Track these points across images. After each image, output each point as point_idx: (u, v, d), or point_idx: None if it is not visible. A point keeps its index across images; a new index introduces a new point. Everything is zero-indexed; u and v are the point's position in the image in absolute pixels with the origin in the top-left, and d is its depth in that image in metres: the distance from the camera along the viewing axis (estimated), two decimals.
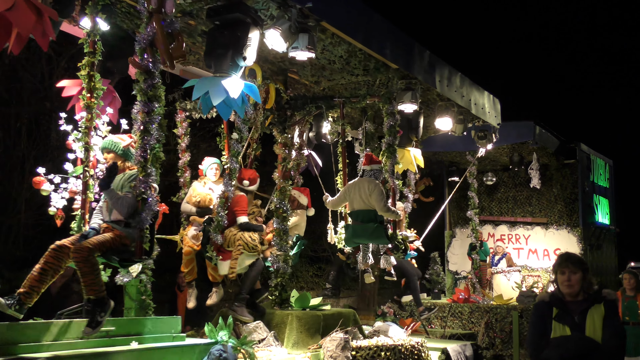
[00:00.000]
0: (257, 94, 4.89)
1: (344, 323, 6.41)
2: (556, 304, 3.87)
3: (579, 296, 3.86)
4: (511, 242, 12.87)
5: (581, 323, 3.75)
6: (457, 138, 10.18)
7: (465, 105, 8.06)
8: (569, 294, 3.87)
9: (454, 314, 10.38)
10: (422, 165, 7.72)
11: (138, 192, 4.08)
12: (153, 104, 4.16)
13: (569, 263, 3.91)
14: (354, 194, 6.63)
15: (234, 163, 6.14)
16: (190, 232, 6.43)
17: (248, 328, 5.56)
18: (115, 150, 4.54)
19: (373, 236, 6.47)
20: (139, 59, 4.12)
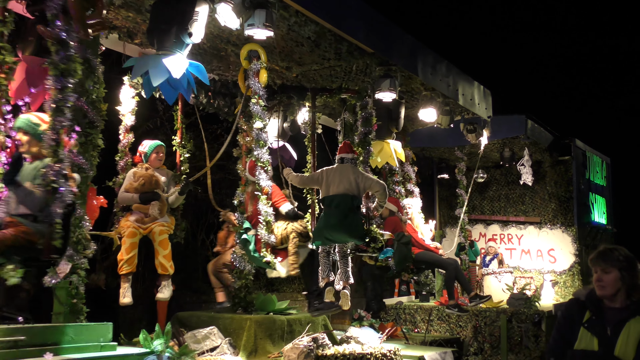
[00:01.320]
0: (204, 74, 4.39)
1: (312, 328, 5.91)
2: (591, 307, 3.23)
3: (617, 302, 3.20)
4: (503, 242, 12.35)
5: (613, 337, 3.11)
6: (447, 133, 9.71)
7: (452, 96, 7.56)
8: (602, 297, 3.22)
9: (440, 318, 9.86)
10: (402, 159, 7.21)
11: (47, 181, 3.56)
12: (67, 80, 3.64)
13: (600, 260, 3.27)
14: (333, 177, 6.01)
15: (265, 155, 5.62)
16: (133, 217, 5.75)
17: (200, 334, 5.05)
18: (32, 131, 4.02)
19: (351, 227, 5.81)
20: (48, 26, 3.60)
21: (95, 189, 4.44)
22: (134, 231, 5.67)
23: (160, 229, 5.80)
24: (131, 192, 5.79)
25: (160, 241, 5.77)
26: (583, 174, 12.11)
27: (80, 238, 4.23)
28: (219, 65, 6.55)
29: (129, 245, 5.61)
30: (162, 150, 5.99)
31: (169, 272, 5.82)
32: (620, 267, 3.20)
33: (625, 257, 3.25)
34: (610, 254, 3.27)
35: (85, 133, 4.27)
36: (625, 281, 3.20)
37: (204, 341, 5.01)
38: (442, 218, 12.98)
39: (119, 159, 6.10)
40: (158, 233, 5.78)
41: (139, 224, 5.74)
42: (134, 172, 5.87)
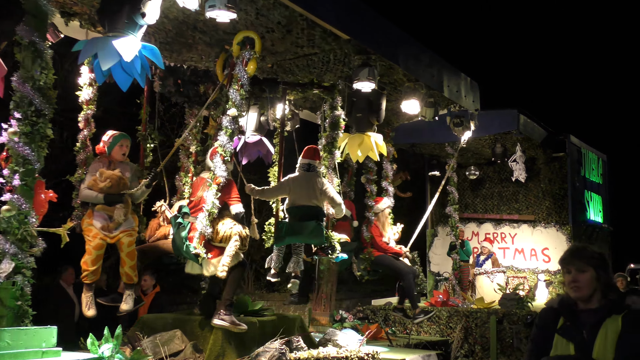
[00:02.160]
0: (159, 57, 4.08)
1: (287, 330, 5.60)
2: (564, 312, 3.00)
3: (593, 303, 2.98)
4: (496, 241, 12.04)
5: (590, 340, 2.90)
6: (437, 128, 9.42)
7: (436, 87, 7.24)
8: (578, 299, 2.99)
9: (430, 319, 9.55)
10: (384, 153, 6.90)
11: None
12: None
13: (575, 259, 3.02)
14: (299, 189, 5.87)
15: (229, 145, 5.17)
16: (97, 223, 5.33)
17: (163, 338, 4.74)
18: None
19: (312, 235, 5.70)
20: None
21: (43, 182, 4.13)
22: (101, 243, 5.29)
23: (129, 240, 5.46)
24: (95, 191, 5.46)
25: (128, 252, 5.45)
26: (578, 171, 11.80)
27: (25, 235, 3.94)
28: (190, 55, 6.24)
29: (96, 257, 5.25)
30: (127, 143, 5.62)
31: (133, 281, 5.52)
32: (596, 265, 2.99)
33: (599, 255, 3.05)
34: (584, 251, 3.04)
35: (32, 122, 3.97)
36: (601, 280, 2.98)
37: (167, 345, 4.70)
38: (434, 216, 12.66)
39: (78, 151, 5.68)
40: (127, 245, 5.43)
41: (105, 232, 5.37)
42: (101, 172, 5.49)
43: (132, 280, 5.48)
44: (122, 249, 5.42)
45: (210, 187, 5.11)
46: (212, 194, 5.06)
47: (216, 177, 5.12)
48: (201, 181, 5.40)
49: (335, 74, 6.70)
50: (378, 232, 7.86)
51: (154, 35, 5.75)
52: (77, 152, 5.66)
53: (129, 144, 5.62)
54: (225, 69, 5.97)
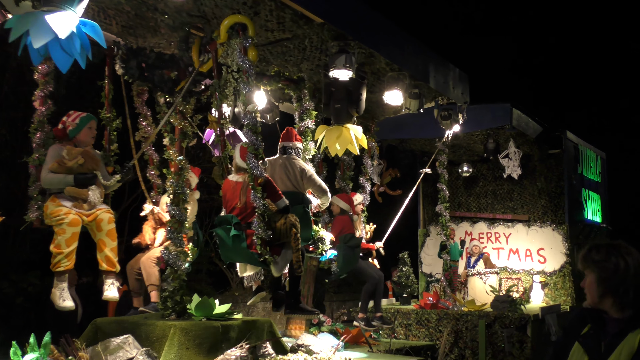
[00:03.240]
0: (100, 35, 3.68)
1: (255, 335, 5.20)
2: (590, 317, 2.65)
3: (616, 312, 2.57)
4: (490, 241, 11.63)
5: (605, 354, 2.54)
6: (426, 123, 9.04)
7: (422, 78, 6.86)
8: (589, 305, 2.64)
9: (420, 322, 9.16)
10: (365, 146, 6.50)
11: None
12: None
13: (581, 261, 2.66)
14: (280, 172, 5.53)
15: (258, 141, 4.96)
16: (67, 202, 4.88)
17: (113, 344, 4.34)
18: None
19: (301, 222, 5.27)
20: None
21: None
22: (76, 219, 4.80)
23: (109, 216, 5.03)
24: (60, 174, 4.94)
25: (109, 231, 5.01)
26: (575, 169, 11.39)
27: None
28: (157, 41, 5.86)
29: (71, 235, 4.74)
30: (95, 125, 5.19)
31: (116, 268, 5.11)
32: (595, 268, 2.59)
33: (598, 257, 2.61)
34: (587, 252, 2.64)
35: None
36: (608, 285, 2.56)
37: (117, 352, 4.30)
38: (425, 215, 12.27)
39: (34, 131, 5.13)
40: (106, 221, 4.99)
41: (78, 210, 4.93)
42: (69, 149, 5.00)
43: (114, 267, 5.08)
44: (100, 228, 5.01)
45: (254, 189, 4.89)
46: (259, 196, 4.88)
47: (256, 178, 4.90)
48: (234, 185, 5.12)
49: (312, 62, 6.33)
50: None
51: (115, 18, 5.38)
52: (33, 133, 5.16)
53: (96, 126, 5.22)
54: (201, 54, 5.61)
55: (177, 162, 5.30)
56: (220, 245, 5.06)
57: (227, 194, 5.14)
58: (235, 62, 5.13)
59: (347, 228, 6.73)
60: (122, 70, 5.38)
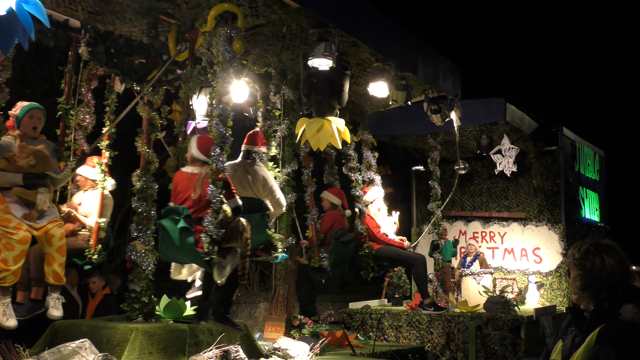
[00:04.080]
0: (43, 13, 3.39)
1: (227, 339, 4.91)
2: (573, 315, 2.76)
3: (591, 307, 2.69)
4: (485, 240, 11.30)
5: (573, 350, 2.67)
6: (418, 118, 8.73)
7: (409, 69, 6.57)
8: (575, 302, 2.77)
9: (410, 323, 8.85)
10: (348, 140, 6.20)
11: None
12: None
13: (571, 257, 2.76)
14: (241, 177, 5.28)
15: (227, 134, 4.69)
16: (17, 212, 4.56)
17: (67, 349, 4.04)
18: None
19: (256, 229, 5.02)
20: None
21: None
22: (27, 235, 4.53)
23: (60, 232, 4.75)
24: (10, 171, 4.65)
25: (59, 247, 4.74)
26: (572, 166, 11.08)
27: None
28: (127, 28, 5.57)
29: (19, 253, 4.48)
30: (39, 114, 4.85)
31: (62, 281, 4.82)
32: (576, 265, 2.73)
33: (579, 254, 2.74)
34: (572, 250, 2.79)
35: None
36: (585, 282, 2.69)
37: (72, 357, 4.01)
38: (419, 214, 11.96)
39: None
40: (58, 237, 4.73)
41: (28, 222, 4.64)
42: (21, 146, 4.71)
43: (61, 281, 4.80)
44: (51, 243, 4.72)
45: (214, 183, 4.54)
46: (217, 191, 4.55)
47: (218, 171, 4.59)
48: (188, 176, 4.75)
49: (293, 52, 6.03)
50: (374, 223, 7.25)
51: (80, 3, 5.10)
52: None
53: (42, 116, 4.90)
54: (178, 43, 5.34)
55: (145, 155, 5.03)
56: (161, 238, 4.58)
57: (179, 186, 4.75)
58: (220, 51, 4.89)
59: (338, 223, 6.47)
60: (89, 55, 5.08)
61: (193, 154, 4.79)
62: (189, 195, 4.65)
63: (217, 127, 4.68)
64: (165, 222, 4.52)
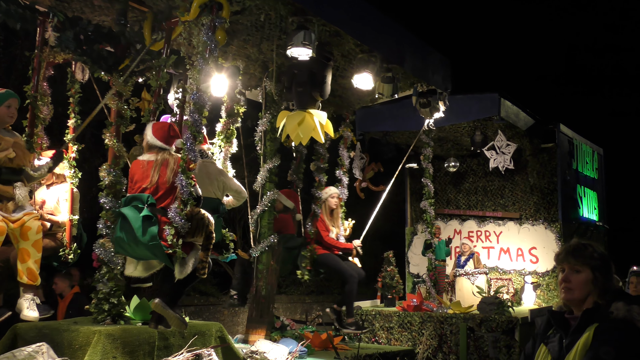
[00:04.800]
0: None
1: (200, 341, 4.68)
2: (554, 318, 2.72)
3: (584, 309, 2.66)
4: (480, 239, 11.05)
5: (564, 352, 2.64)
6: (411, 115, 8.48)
7: (396, 61, 6.33)
8: (568, 301, 2.70)
9: (402, 325, 8.61)
10: (330, 133, 5.95)
11: None
12: None
13: (570, 256, 2.71)
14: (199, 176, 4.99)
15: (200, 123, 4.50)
16: None
17: (22, 354, 3.80)
18: None
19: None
20: None
21: None
22: (2, 227, 4.29)
23: (37, 225, 4.50)
24: None
25: (35, 241, 4.48)
26: (570, 164, 10.82)
27: None
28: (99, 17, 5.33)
29: None
30: (16, 104, 4.61)
31: (37, 281, 4.56)
32: (594, 266, 2.65)
33: (601, 256, 2.69)
34: (584, 249, 2.70)
35: None
36: (598, 284, 2.65)
37: None
38: (413, 213, 11.70)
39: None
40: (35, 230, 4.48)
41: (3, 213, 4.42)
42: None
43: (36, 280, 4.53)
44: (27, 237, 4.46)
45: (184, 173, 4.30)
46: (188, 182, 4.28)
47: (189, 161, 4.35)
48: (145, 164, 4.44)
49: (273, 42, 5.79)
50: (324, 226, 6.94)
51: None
52: None
53: (18, 105, 4.66)
54: (154, 32, 5.13)
55: (115, 148, 4.80)
56: (120, 228, 4.20)
57: (136, 175, 4.44)
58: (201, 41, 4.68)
59: (285, 227, 6.25)
60: (56, 41, 4.84)
61: (149, 140, 4.49)
62: (145, 184, 4.36)
63: (192, 115, 4.47)
64: (126, 209, 4.19)
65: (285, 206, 6.60)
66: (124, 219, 4.18)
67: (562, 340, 2.65)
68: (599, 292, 2.64)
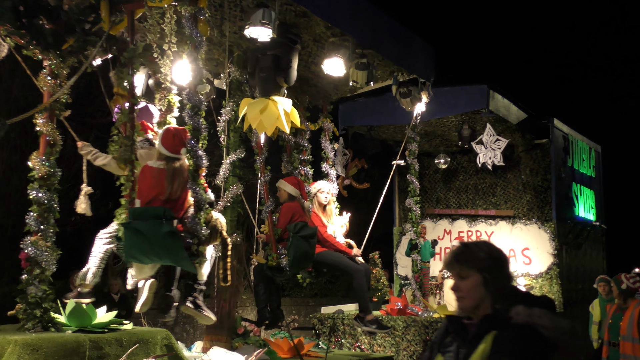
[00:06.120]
0: None
1: (144, 350, 4.21)
2: (451, 325, 2.47)
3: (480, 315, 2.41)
4: (471, 240, 10.55)
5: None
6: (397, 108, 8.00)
7: (372, 46, 5.86)
8: (462, 310, 2.43)
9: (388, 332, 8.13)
10: (297, 123, 5.47)
11: None
12: None
13: (454, 261, 2.45)
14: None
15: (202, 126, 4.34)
16: None
17: None
18: None
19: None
20: None
21: None
22: None
23: None
24: None
25: None
26: (565, 161, 10.36)
27: None
28: None
29: None
30: None
31: None
32: (481, 268, 2.37)
33: (488, 255, 2.40)
34: (467, 252, 2.44)
35: None
36: (490, 287, 2.34)
37: None
38: (401, 212, 11.22)
39: None
40: None
41: None
42: None
43: None
44: None
45: (194, 180, 4.27)
46: (200, 188, 4.29)
47: (199, 168, 4.31)
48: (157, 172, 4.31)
49: (235, 24, 5.33)
50: (319, 221, 6.45)
51: None
52: None
53: None
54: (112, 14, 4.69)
55: (48, 135, 4.33)
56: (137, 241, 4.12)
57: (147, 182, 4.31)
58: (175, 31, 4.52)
59: (297, 216, 5.71)
60: None
61: (158, 148, 4.41)
62: (157, 193, 4.27)
63: (191, 118, 4.30)
64: (140, 225, 4.11)
65: (290, 194, 6.06)
66: (137, 233, 4.14)
67: (459, 349, 2.41)
68: (494, 295, 2.36)
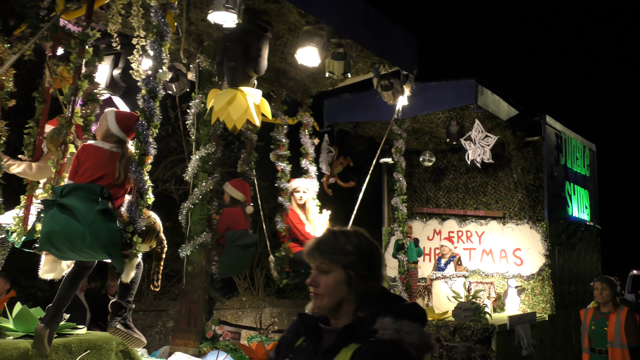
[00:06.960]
0: None
1: (96, 357, 3.93)
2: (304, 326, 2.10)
3: (341, 321, 2.05)
4: (461, 240, 10.27)
5: None
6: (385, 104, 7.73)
7: (349, 35, 5.58)
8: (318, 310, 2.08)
9: None
10: (269, 116, 5.19)
11: None
12: None
13: (316, 251, 2.06)
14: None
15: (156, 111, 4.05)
16: None
17: None
18: None
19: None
20: None
21: None
22: None
23: None
24: None
25: None
26: (557, 159, 10.06)
27: None
28: None
29: None
30: None
31: None
32: (346, 263, 2.03)
33: (357, 248, 2.05)
34: (334, 241, 2.07)
35: None
36: (353, 287, 2.02)
37: None
38: (390, 212, 10.91)
39: None
40: None
41: None
42: None
43: None
44: None
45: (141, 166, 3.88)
46: (144, 175, 3.88)
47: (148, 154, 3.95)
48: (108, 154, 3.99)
49: (202, 10, 5.05)
50: (297, 218, 6.18)
51: None
52: None
53: None
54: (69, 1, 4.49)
55: None
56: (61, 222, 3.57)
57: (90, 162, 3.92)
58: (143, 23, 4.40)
59: (237, 223, 5.46)
60: None
61: (110, 128, 4.10)
62: (103, 174, 3.89)
63: (145, 102, 4.00)
64: (71, 200, 3.59)
65: (234, 198, 5.81)
66: (63, 210, 3.59)
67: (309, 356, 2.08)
68: (357, 298, 2.02)
